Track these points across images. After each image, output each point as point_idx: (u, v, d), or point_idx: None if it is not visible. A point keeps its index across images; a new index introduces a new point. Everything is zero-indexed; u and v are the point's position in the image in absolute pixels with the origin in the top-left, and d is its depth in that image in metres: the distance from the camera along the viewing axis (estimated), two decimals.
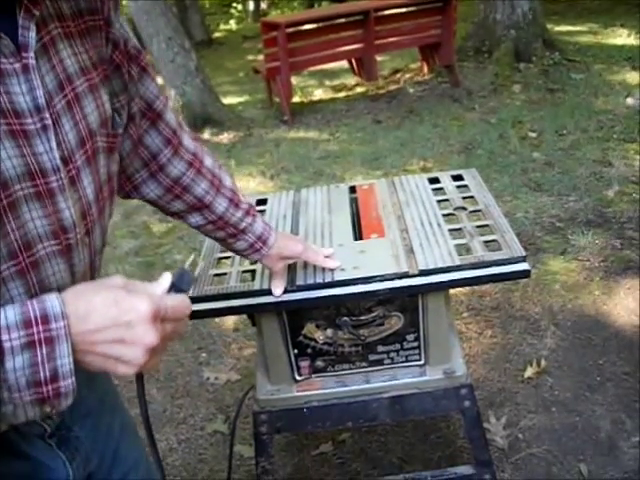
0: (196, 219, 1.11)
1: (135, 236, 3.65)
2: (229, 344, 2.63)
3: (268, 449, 1.50)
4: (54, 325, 0.61)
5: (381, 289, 1.29)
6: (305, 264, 1.35)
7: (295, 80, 6.26)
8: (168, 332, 0.68)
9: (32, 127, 0.68)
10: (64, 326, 0.61)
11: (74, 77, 0.75)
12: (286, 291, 1.29)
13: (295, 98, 6.10)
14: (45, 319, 0.61)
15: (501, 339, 2.44)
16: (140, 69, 0.90)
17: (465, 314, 2.61)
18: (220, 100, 5.93)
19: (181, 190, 1.05)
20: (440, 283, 1.29)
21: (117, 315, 0.63)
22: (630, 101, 4.90)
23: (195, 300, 1.30)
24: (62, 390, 0.62)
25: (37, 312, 0.61)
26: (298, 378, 1.45)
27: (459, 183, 1.68)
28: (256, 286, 1.33)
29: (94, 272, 0.83)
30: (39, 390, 0.61)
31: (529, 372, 2.23)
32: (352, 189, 1.72)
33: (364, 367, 1.44)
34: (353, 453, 2.00)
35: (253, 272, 1.39)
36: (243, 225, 1.14)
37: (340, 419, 1.47)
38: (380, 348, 1.42)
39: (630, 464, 1.85)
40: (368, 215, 1.55)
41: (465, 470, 1.57)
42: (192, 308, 0.75)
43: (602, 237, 3.02)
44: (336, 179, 4.16)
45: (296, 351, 1.41)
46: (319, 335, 1.38)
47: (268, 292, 1.29)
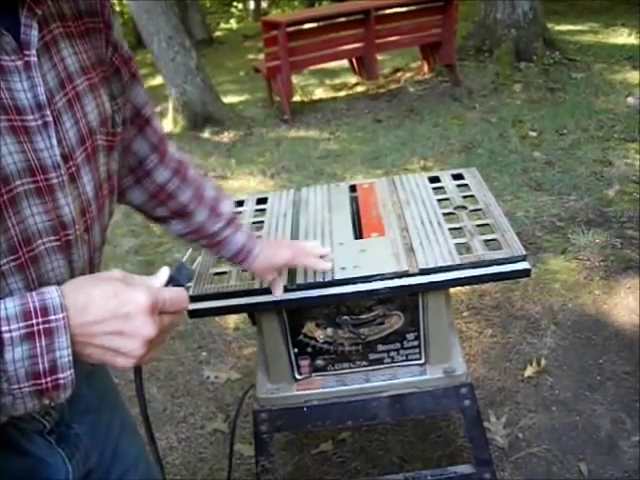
0: (178, 227, 1.11)
1: (135, 235, 3.65)
2: (229, 343, 2.63)
3: (268, 448, 1.50)
4: (53, 317, 0.61)
5: (381, 288, 1.29)
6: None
7: (295, 79, 6.26)
8: (166, 324, 0.68)
9: (33, 124, 0.69)
10: (63, 318, 0.62)
11: (75, 76, 0.76)
12: (286, 290, 1.29)
13: (295, 97, 6.10)
14: (44, 311, 0.61)
15: (501, 338, 2.44)
16: (130, 75, 0.90)
17: (465, 313, 2.61)
18: (220, 99, 5.93)
19: (166, 196, 1.04)
20: (440, 282, 1.30)
21: (116, 307, 0.64)
22: (631, 100, 4.89)
23: (195, 299, 1.30)
24: (61, 382, 0.63)
25: (37, 304, 0.61)
26: (298, 377, 1.45)
27: (459, 182, 1.68)
28: (256, 285, 1.33)
29: (93, 269, 0.83)
30: (38, 382, 0.62)
31: (529, 371, 2.23)
32: (352, 188, 1.73)
33: (364, 366, 1.44)
34: (353, 452, 2.00)
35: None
36: (223, 235, 1.14)
37: (340, 418, 1.47)
38: (380, 347, 1.42)
39: (630, 463, 1.85)
40: (368, 214, 1.55)
41: (465, 469, 1.57)
42: (191, 305, 0.75)
43: (602, 236, 3.02)
44: (336, 178, 4.16)
45: (296, 350, 1.41)
46: (319, 334, 1.38)
47: (268, 291, 1.29)
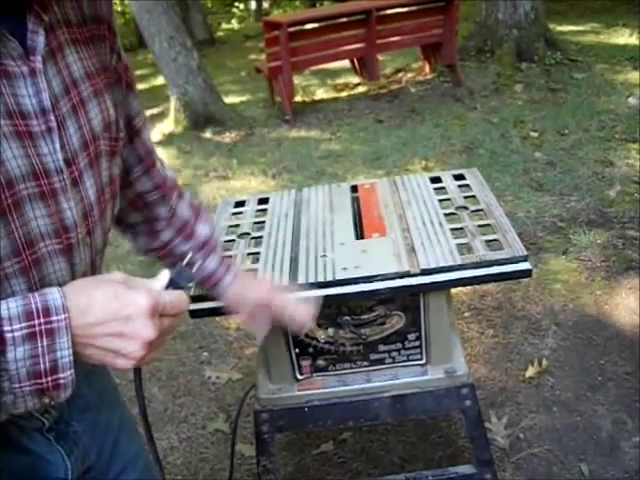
0: (145, 240, 1.07)
1: None
2: (230, 343, 2.63)
3: (269, 448, 1.50)
4: (55, 317, 0.62)
5: (382, 288, 1.29)
6: (307, 262, 1.35)
7: (297, 79, 6.26)
8: (165, 327, 0.69)
9: (37, 129, 0.70)
10: (65, 319, 0.63)
11: (79, 82, 0.77)
12: None
13: (297, 97, 6.10)
14: (46, 311, 0.62)
15: (502, 339, 2.44)
16: (126, 84, 0.90)
17: (466, 314, 2.61)
18: (222, 99, 5.93)
19: (143, 204, 1.02)
20: (441, 282, 1.30)
21: (117, 309, 0.65)
22: (632, 101, 4.89)
23: (197, 299, 1.30)
24: (61, 382, 0.64)
25: (39, 304, 0.62)
26: (299, 377, 1.45)
27: (461, 182, 1.68)
28: None
29: (95, 271, 0.84)
30: (39, 381, 0.62)
31: (530, 372, 2.23)
32: (354, 188, 1.73)
33: (365, 366, 1.44)
34: (354, 452, 2.00)
35: (255, 271, 1.39)
36: (190, 260, 1.04)
37: (341, 418, 1.47)
38: (381, 347, 1.42)
39: (631, 464, 1.84)
40: (370, 214, 1.55)
41: (466, 470, 1.57)
42: (192, 305, 0.76)
43: (604, 237, 3.01)
44: (338, 178, 4.16)
45: (297, 350, 1.41)
46: (320, 334, 1.38)
47: None
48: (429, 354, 1.43)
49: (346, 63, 6.57)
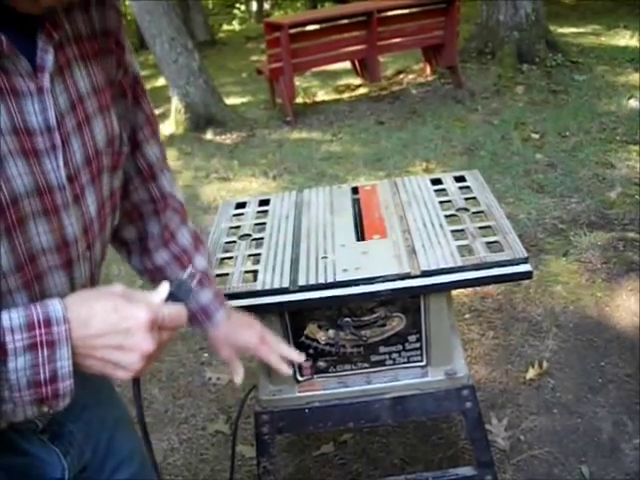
0: (136, 259, 1.05)
1: None
2: None
3: (270, 449, 1.50)
4: (56, 329, 0.63)
5: (383, 290, 1.29)
6: (308, 264, 1.35)
7: (298, 81, 6.27)
8: (164, 340, 0.70)
9: (42, 146, 0.70)
10: (65, 330, 0.63)
11: (86, 97, 0.77)
12: (288, 292, 1.29)
13: (298, 99, 6.11)
14: (47, 322, 0.63)
15: (503, 340, 2.44)
16: (133, 98, 0.90)
17: (467, 315, 2.61)
18: (223, 101, 5.93)
19: (137, 216, 1.01)
20: (442, 284, 1.30)
21: (117, 322, 0.66)
22: (633, 103, 4.89)
23: None
24: (60, 391, 0.65)
25: (40, 316, 0.63)
26: (300, 379, 1.45)
27: (461, 184, 1.68)
28: (258, 287, 1.33)
29: (94, 284, 0.85)
30: (39, 390, 0.63)
31: (531, 374, 2.23)
32: (354, 190, 1.73)
33: (366, 368, 1.44)
34: (354, 454, 2.00)
35: (255, 272, 1.40)
36: (191, 273, 1.06)
37: (342, 420, 1.47)
38: (382, 349, 1.42)
39: (632, 466, 1.84)
40: (370, 216, 1.55)
41: (466, 471, 1.57)
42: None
43: (604, 239, 3.01)
44: (339, 180, 4.16)
45: (298, 352, 1.41)
46: (321, 336, 1.39)
47: (270, 293, 1.30)
48: (429, 356, 1.43)
49: (347, 65, 6.57)
